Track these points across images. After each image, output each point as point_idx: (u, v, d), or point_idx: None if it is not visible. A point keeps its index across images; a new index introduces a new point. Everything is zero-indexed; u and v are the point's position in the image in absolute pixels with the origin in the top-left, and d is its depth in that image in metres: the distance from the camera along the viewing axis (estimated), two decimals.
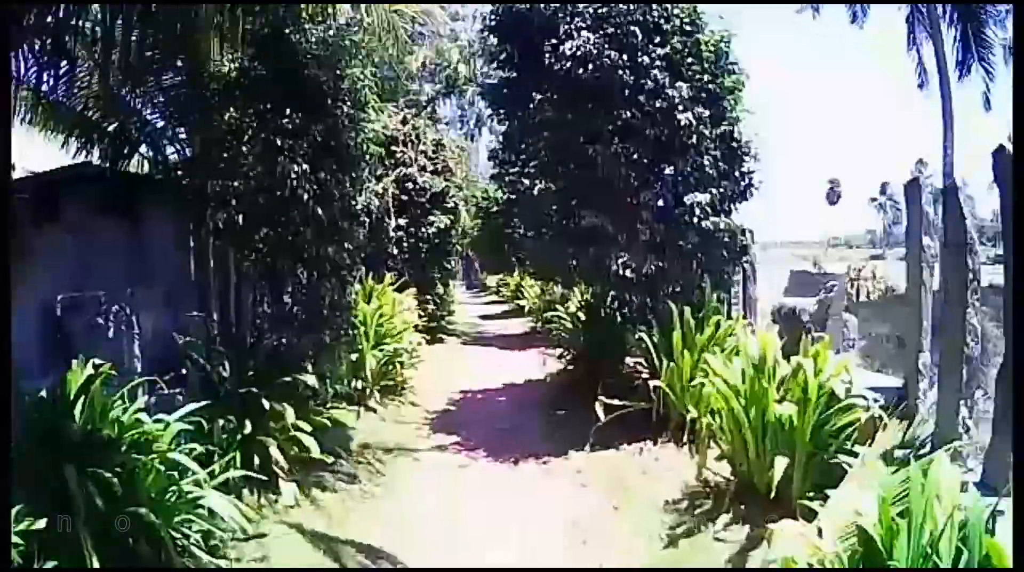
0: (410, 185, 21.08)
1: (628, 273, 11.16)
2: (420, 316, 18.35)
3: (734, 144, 11.25)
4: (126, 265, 10.62)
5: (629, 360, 13.37)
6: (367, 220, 10.46)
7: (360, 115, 9.90)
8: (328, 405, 9.71)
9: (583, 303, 14.29)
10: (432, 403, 13.91)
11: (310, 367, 9.21)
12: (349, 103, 9.53)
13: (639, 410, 10.44)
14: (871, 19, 27.57)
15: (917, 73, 27.90)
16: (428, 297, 21.17)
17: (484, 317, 32.78)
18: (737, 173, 11.32)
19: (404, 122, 21.86)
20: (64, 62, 8.18)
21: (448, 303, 24.73)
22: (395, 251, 20.64)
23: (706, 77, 11.08)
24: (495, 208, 26.91)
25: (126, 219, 10.78)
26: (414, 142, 21.74)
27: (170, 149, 10.64)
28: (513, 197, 22.82)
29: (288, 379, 8.82)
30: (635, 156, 10.65)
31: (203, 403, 7.41)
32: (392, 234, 20.62)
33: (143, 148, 10.75)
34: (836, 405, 7.40)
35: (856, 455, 6.34)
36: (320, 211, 8.73)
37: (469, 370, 17.52)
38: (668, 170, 10.84)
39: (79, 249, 10.29)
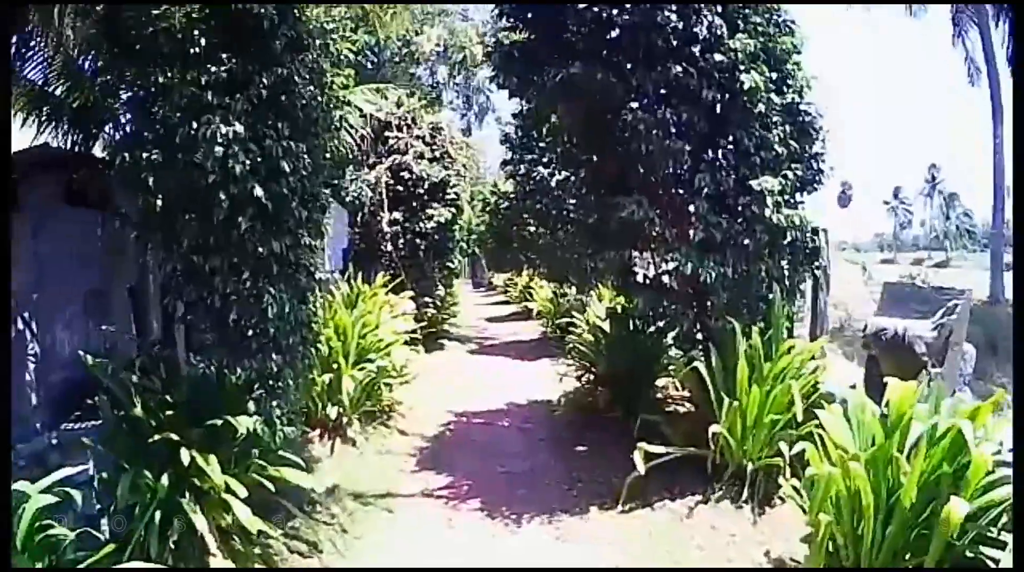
0: (406, 174, 18.71)
1: (672, 279, 8.90)
2: (418, 321, 16.07)
3: (803, 118, 8.90)
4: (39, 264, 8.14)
5: (661, 380, 11.23)
6: (329, 205, 8.03)
7: (326, 68, 7.61)
8: (280, 449, 7.28)
9: (610, 312, 11.80)
10: (424, 430, 11.48)
11: (252, 404, 6.86)
12: (310, 53, 7.21)
13: (688, 456, 8.14)
14: (880, 20, 27.12)
15: (967, 69, 27.30)
16: (427, 300, 18.78)
17: (491, 319, 30.21)
18: (808, 155, 8.97)
19: (399, 104, 19.51)
20: None
21: (450, 305, 22.25)
22: (390, 248, 18.31)
23: (771, 30, 8.72)
24: (504, 203, 24.53)
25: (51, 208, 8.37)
26: (410, 126, 19.35)
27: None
28: (526, 189, 20.85)
29: (219, 421, 6.51)
30: (686, 126, 8.23)
31: (78, 468, 5.45)
32: (387, 229, 18.29)
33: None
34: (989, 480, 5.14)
35: (1004, 546, 4.83)
36: (261, 191, 6.32)
37: (471, 387, 15.05)
38: (728, 146, 8.42)
39: None
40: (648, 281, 9.57)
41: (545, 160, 19.45)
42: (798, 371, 7.97)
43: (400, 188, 18.75)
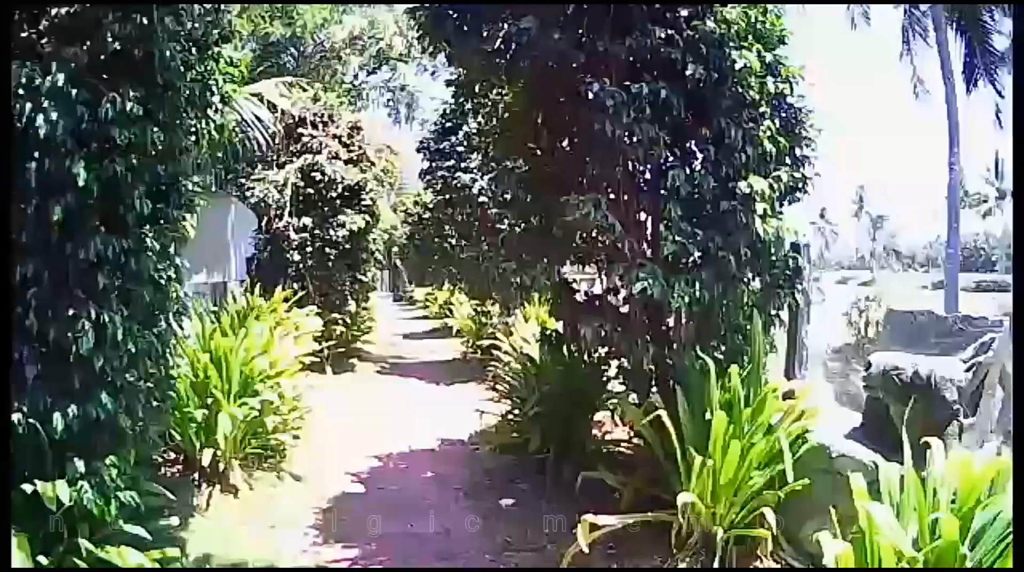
0: (318, 176, 16.67)
1: (627, 301, 7.28)
2: (326, 339, 14.67)
3: (793, 113, 7.40)
4: None
5: (600, 414, 9.59)
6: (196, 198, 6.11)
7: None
8: (116, 520, 5.39)
9: (542, 337, 9.90)
10: (322, 475, 9.47)
11: (80, 463, 4.98)
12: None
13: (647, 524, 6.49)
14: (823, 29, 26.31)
15: (913, 84, 27.66)
16: (337, 316, 16.82)
17: (408, 336, 28.00)
18: (799, 154, 7.45)
19: (316, 99, 17.64)
20: None
21: (364, 321, 20.28)
22: (297, 258, 16.38)
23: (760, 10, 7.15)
24: (426, 214, 22.82)
25: None
26: (326, 124, 17.44)
27: None
28: (446, 197, 19.26)
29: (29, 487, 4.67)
30: (663, 109, 6.52)
31: None
32: (294, 236, 16.34)
33: None
34: None
35: None
36: (83, 169, 4.49)
37: (381, 417, 13.02)
38: (711, 138, 6.79)
39: None
40: (595, 302, 7.94)
41: (465, 166, 18.04)
42: (787, 421, 6.42)
43: (311, 191, 16.72)
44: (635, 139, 6.48)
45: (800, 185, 7.53)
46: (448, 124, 19.23)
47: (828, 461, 6.07)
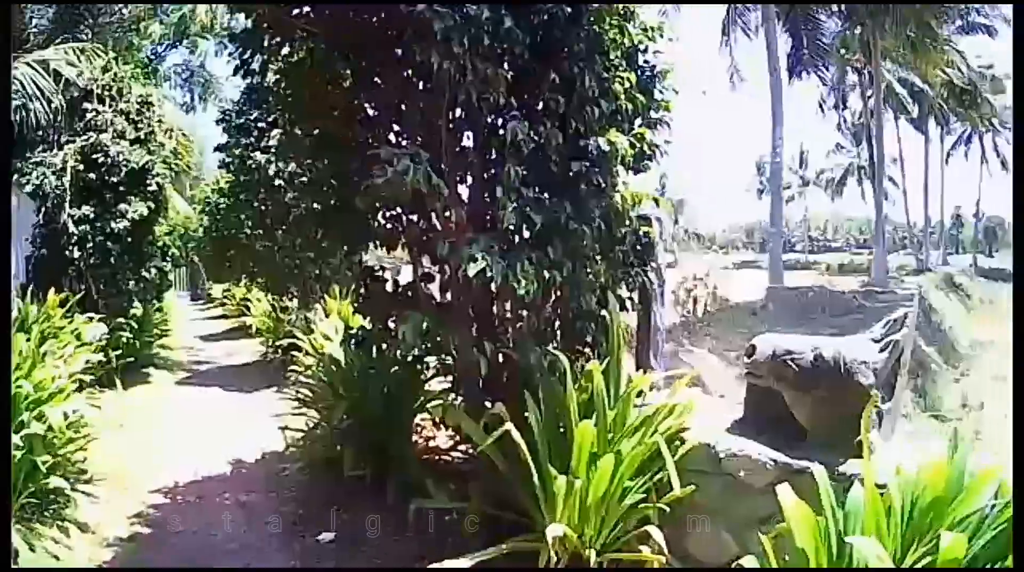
0: (101, 158, 14.29)
1: (453, 289, 6.19)
2: (112, 348, 12.69)
3: (646, 64, 6.48)
4: None
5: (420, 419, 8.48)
6: None
7: None
8: None
9: (346, 336, 8.09)
10: (112, 518, 7.76)
11: None
12: None
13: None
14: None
15: (730, 74, 30.29)
16: (122, 320, 14.59)
17: (207, 338, 25.59)
18: (652, 113, 6.51)
19: (106, 69, 15.37)
20: None
21: (158, 325, 18.17)
22: (77, 254, 14.06)
23: None
24: (223, 202, 20.76)
25: None
26: (114, 98, 15.09)
27: None
28: (240, 179, 17.44)
29: None
30: (503, 43, 5.35)
31: None
32: (73, 229, 14.11)
33: None
34: None
35: None
36: None
37: (178, 437, 11.10)
38: (560, 84, 5.67)
39: None
40: (408, 293, 6.76)
41: (265, 145, 16.24)
42: (659, 419, 5.47)
43: (92, 176, 14.28)
44: (468, 78, 5.28)
45: (651, 152, 6.60)
46: (253, 96, 17.17)
47: (715, 463, 5.21)
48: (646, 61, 6.47)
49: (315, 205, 7.59)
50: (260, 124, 16.31)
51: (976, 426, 15.46)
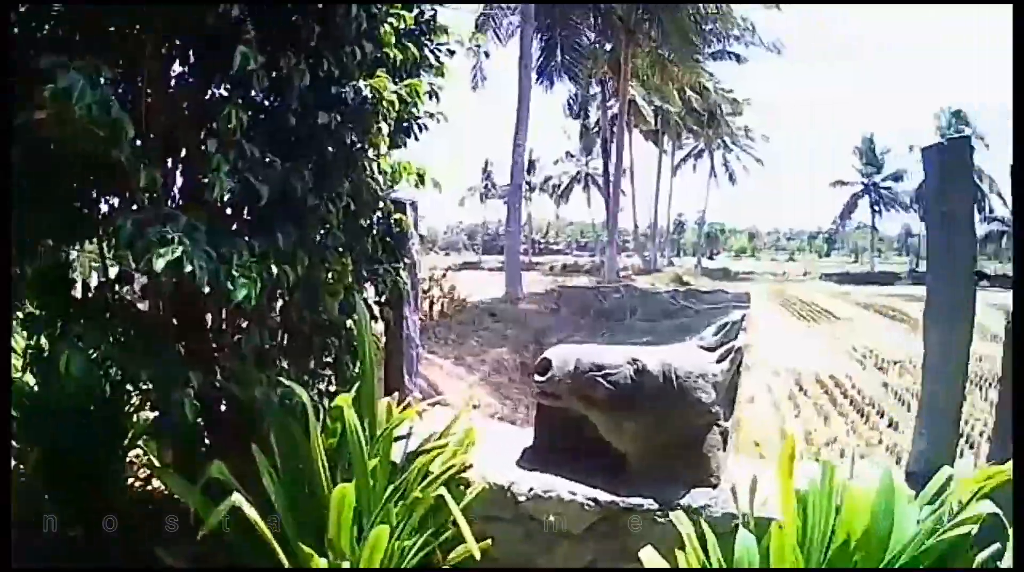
0: None
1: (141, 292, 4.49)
2: None
3: (424, 21, 5.07)
4: None
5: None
6: None
7: None
8: None
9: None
10: None
11: None
12: None
13: None
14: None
15: (473, 75, 30.36)
16: None
17: None
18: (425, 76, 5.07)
19: None
20: None
21: None
22: None
23: None
24: None
25: None
26: None
27: None
28: None
29: None
30: None
31: None
32: None
33: None
34: None
35: None
36: None
37: None
38: (308, 15, 3.96)
39: None
40: (100, 299, 4.68)
41: None
42: (434, 459, 4.07)
43: None
44: None
45: (417, 123, 5.15)
46: None
47: (512, 506, 3.99)
48: (421, 11, 5.05)
49: None
50: None
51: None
